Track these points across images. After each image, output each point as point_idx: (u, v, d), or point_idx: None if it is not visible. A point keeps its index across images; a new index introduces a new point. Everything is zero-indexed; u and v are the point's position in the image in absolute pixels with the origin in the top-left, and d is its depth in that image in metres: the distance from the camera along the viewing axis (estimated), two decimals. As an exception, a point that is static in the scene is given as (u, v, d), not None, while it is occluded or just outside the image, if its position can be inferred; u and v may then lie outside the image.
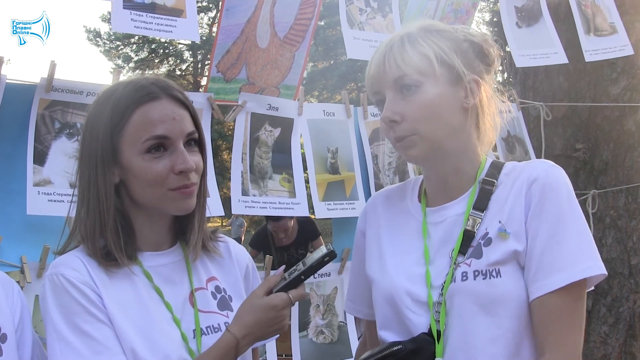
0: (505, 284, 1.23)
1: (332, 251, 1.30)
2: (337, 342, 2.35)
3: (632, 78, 3.36)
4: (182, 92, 1.34)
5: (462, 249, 1.28)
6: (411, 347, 1.25)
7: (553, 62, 2.96)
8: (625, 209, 3.32)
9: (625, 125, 3.35)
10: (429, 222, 1.36)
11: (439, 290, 1.28)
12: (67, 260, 1.28)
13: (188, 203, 1.31)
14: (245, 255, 1.51)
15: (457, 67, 1.29)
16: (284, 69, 2.32)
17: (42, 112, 1.85)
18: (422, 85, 1.28)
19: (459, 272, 1.26)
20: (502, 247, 1.24)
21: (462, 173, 1.35)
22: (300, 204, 2.30)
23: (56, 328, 1.22)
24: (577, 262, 1.21)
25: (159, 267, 1.34)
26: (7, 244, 1.80)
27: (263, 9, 2.19)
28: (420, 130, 1.28)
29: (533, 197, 1.25)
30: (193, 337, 1.30)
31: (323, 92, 21.17)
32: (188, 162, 1.27)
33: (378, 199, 1.50)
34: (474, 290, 1.24)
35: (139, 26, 1.95)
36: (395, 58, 1.29)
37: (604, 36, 3.06)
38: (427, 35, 1.31)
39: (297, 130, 2.37)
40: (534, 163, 1.33)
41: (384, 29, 2.55)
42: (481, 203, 1.31)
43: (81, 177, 1.30)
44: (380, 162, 2.54)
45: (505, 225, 1.26)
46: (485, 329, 1.23)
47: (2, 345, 1.22)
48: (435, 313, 1.26)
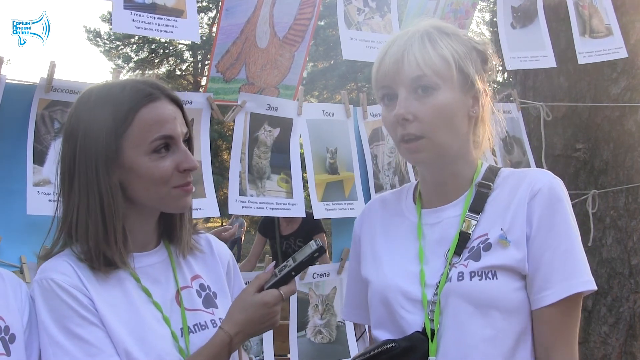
0: (500, 286, 1.25)
1: (321, 247, 1.33)
2: (336, 342, 2.35)
3: (632, 78, 3.36)
4: (174, 91, 1.37)
5: (457, 249, 1.29)
6: (405, 345, 1.26)
7: (542, 65, 2.97)
8: (626, 209, 3.32)
9: (626, 125, 3.34)
10: (425, 223, 1.37)
11: (433, 290, 1.29)
12: (55, 265, 1.28)
13: (188, 200, 1.34)
14: (226, 251, 1.53)
15: (472, 75, 1.30)
16: (284, 69, 2.32)
17: (42, 112, 1.85)
18: (440, 89, 1.28)
19: (455, 272, 1.27)
20: (502, 254, 1.26)
21: (459, 176, 1.36)
22: (297, 204, 2.29)
23: (48, 332, 1.22)
24: (582, 274, 1.25)
25: (146, 268, 1.35)
26: (7, 244, 1.80)
27: (262, 9, 2.19)
28: (431, 134, 1.28)
29: (536, 208, 1.27)
30: (181, 336, 1.32)
31: (323, 92, 21.17)
32: (193, 161, 1.31)
33: (374, 204, 1.53)
34: (469, 290, 1.25)
35: (139, 26, 1.95)
36: (416, 56, 1.28)
37: (599, 38, 3.06)
38: (444, 37, 1.31)
39: (297, 131, 2.37)
40: (534, 172, 1.34)
41: (382, 29, 2.54)
42: (477, 205, 1.32)
43: (75, 179, 1.28)
44: (379, 162, 2.53)
45: (506, 233, 1.27)
46: (479, 328, 1.24)
47: (10, 345, 1.22)
48: (430, 312, 1.27)
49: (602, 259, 3.32)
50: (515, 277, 1.26)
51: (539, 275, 1.25)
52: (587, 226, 3.12)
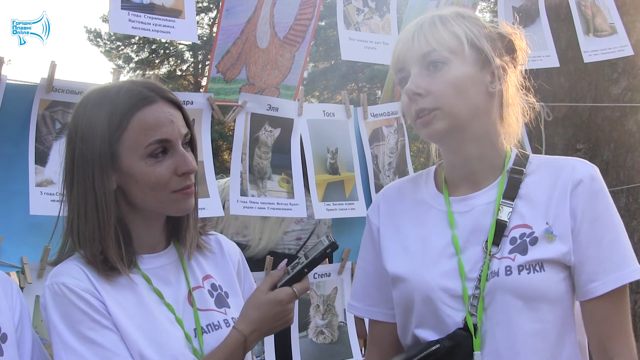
0: (548, 279, 1.24)
1: (334, 242, 1.30)
2: (337, 342, 2.35)
3: (633, 78, 3.36)
4: (173, 93, 1.35)
5: (495, 239, 1.27)
6: (449, 345, 1.24)
7: (545, 65, 2.96)
8: (626, 209, 3.32)
9: (626, 126, 3.35)
10: (454, 211, 1.33)
11: (474, 283, 1.26)
12: (66, 269, 1.27)
13: (189, 203, 1.32)
14: (236, 250, 1.52)
15: (487, 51, 1.28)
16: (284, 70, 2.32)
17: (43, 112, 1.86)
18: (450, 63, 1.26)
19: (501, 266, 1.25)
20: (549, 247, 1.25)
21: (487, 161, 1.33)
22: (298, 204, 2.29)
23: (62, 338, 1.21)
24: (631, 263, 1.25)
25: (156, 269, 1.34)
26: (8, 244, 1.80)
27: (263, 10, 2.19)
28: (444, 105, 1.25)
29: (580, 199, 1.26)
30: (195, 336, 1.31)
31: (324, 92, 21.17)
32: (191, 164, 1.28)
33: (390, 193, 1.46)
34: (518, 284, 1.23)
35: (136, 27, 1.95)
36: (425, 35, 1.28)
37: (604, 37, 3.06)
38: (459, 19, 1.31)
39: (297, 131, 2.37)
40: (572, 162, 1.32)
41: (380, 29, 2.54)
42: (511, 192, 1.29)
43: (74, 183, 1.28)
44: (380, 162, 2.54)
45: (552, 227, 1.26)
46: (529, 322, 1.23)
47: (2, 344, 1.22)
48: (471, 307, 1.25)
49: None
50: (560, 269, 1.25)
51: (587, 267, 1.24)
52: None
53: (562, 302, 1.25)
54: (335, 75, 20.53)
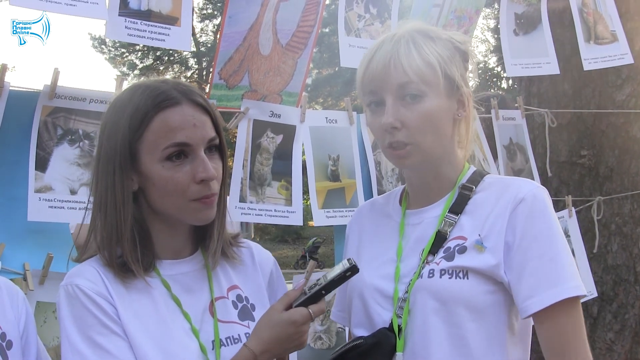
0: (471, 288, 1.25)
1: (355, 265, 1.27)
2: (335, 347, 2.34)
3: (637, 85, 3.35)
4: (203, 96, 1.30)
5: (432, 248, 1.31)
6: (371, 342, 1.28)
7: (545, 72, 2.95)
8: (631, 215, 3.30)
9: (631, 132, 3.34)
10: (408, 223, 1.39)
11: (406, 287, 1.30)
12: (82, 271, 1.25)
13: (209, 213, 1.27)
14: (269, 260, 1.47)
15: (457, 79, 1.32)
16: (286, 76, 2.32)
17: (45, 118, 1.86)
18: (426, 96, 1.29)
19: (426, 270, 1.29)
20: (476, 257, 1.27)
21: (442, 177, 1.38)
22: (295, 212, 2.28)
23: (70, 340, 1.20)
24: (568, 280, 1.24)
25: (178, 276, 1.30)
26: (10, 251, 1.80)
27: (265, 16, 2.20)
28: (419, 140, 1.30)
29: (519, 216, 1.27)
30: (212, 348, 1.26)
31: (328, 98, 21.20)
32: (209, 170, 1.23)
33: (364, 207, 1.56)
34: (437, 286, 1.26)
35: (132, 34, 1.95)
36: (402, 63, 1.29)
37: (604, 44, 3.05)
38: (428, 42, 1.32)
39: (299, 138, 2.36)
40: (519, 181, 1.36)
41: (380, 35, 2.54)
42: (457, 207, 1.34)
43: (98, 184, 1.27)
44: (383, 168, 2.53)
45: (483, 239, 1.28)
46: (443, 325, 1.25)
47: (7, 352, 1.23)
48: (399, 308, 1.29)
49: (607, 265, 3.30)
50: (487, 280, 1.26)
51: (525, 283, 1.24)
52: (592, 233, 3.10)
53: (488, 315, 1.25)
54: (339, 82, 20.57)
